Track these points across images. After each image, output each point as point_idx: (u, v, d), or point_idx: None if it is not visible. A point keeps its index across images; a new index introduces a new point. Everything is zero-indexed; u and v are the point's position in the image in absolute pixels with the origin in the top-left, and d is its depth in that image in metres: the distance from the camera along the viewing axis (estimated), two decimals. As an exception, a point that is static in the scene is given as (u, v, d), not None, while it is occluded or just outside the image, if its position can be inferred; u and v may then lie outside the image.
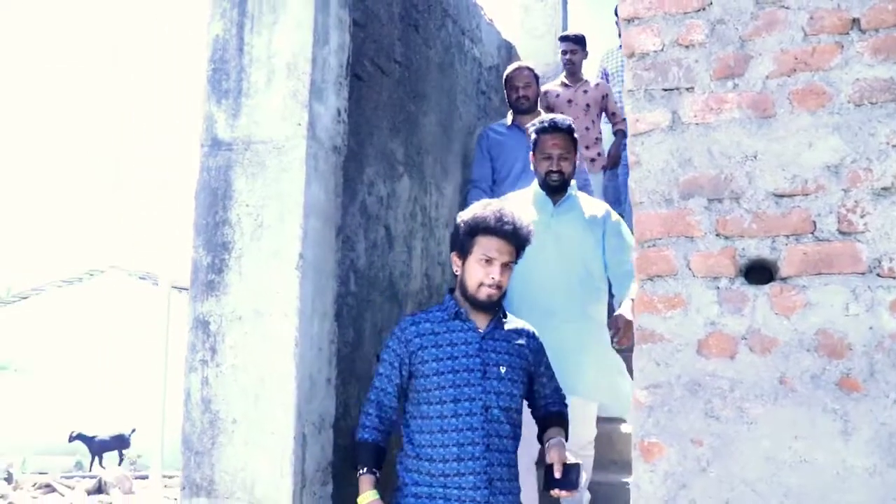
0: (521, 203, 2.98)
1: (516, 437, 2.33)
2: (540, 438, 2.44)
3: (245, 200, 2.34)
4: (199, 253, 2.38)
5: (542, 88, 4.64)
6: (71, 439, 11.74)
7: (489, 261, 2.28)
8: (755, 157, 1.79)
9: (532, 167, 3.10)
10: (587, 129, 4.55)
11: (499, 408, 2.27)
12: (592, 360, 2.88)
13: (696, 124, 1.85)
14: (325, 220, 2.40)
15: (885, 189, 1.70)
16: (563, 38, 4.90)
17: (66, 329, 13.24)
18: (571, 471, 2.22)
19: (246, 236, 2.33)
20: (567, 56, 4.74)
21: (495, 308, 2.37)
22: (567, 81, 4.73)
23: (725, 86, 1.84)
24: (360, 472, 2.22)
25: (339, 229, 2.53)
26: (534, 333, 2.48)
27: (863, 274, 1.69)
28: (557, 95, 4.67)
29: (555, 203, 3.03)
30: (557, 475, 2.19)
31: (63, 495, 8.31)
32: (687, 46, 1.88)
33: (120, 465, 11.72)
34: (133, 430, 11.91)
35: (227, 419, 2.28)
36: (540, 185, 3.04)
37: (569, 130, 3.00)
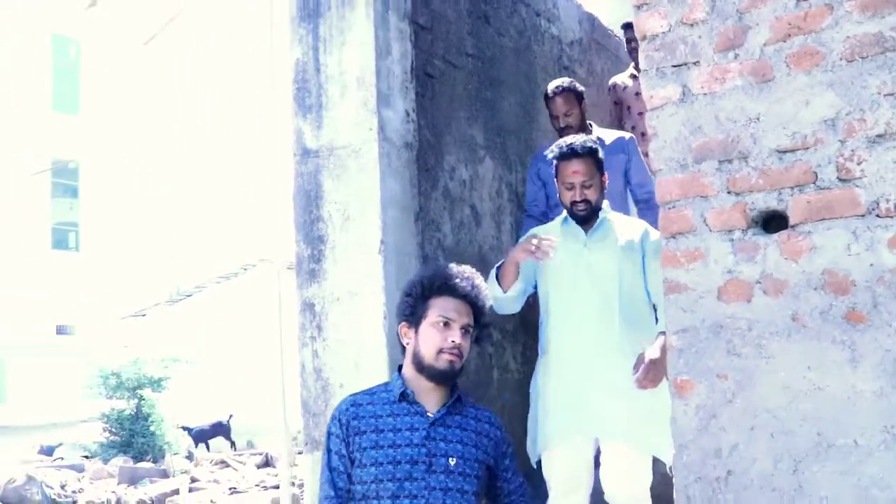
0: (549, 236, 2.79)
1: None
2: None
3: (333, 199, 2.73)
4: (301, 246, 2.80)
5: (611, 81, 4.69)
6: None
7: (447, 324, 2.05)
8: (758, 119, 1.98)
9: (557, 196, 2.90)
10: None
11: None
12: (643, 404, 2.65)
13: (704, 94, 2.05)
14: (402, 208, 2.75)
15: (878, 136, 1.84)
16: (627, 27, 4.59)
17: (226, 321, 14.42)
18: None
19: (336, 229, 2.73)
20: (633, 45, 4.38)
21: (452, 389, 2.12)
22: (635, 72, 4.49)
23: (727, 57, 2.02)
24: None
25: (418, 215, 2.87)
26: (497, 421, 2.21)
27: (862, 216, 1.85)
28: (625, 87, 4.62)
29: (586, 231, 2.83)
30: None
31: (236, 469, 9.24)
32: (691, 24, 2.07)
33: (232, 448, 12.53)
34: (231, 416, 12.70)
35: (335, 384, 2.70)
36: (568, 217, 2.85)
37: (590, 153, 2.77)
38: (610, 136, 3.63)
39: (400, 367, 2.17)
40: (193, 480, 9.01)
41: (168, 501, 8.08)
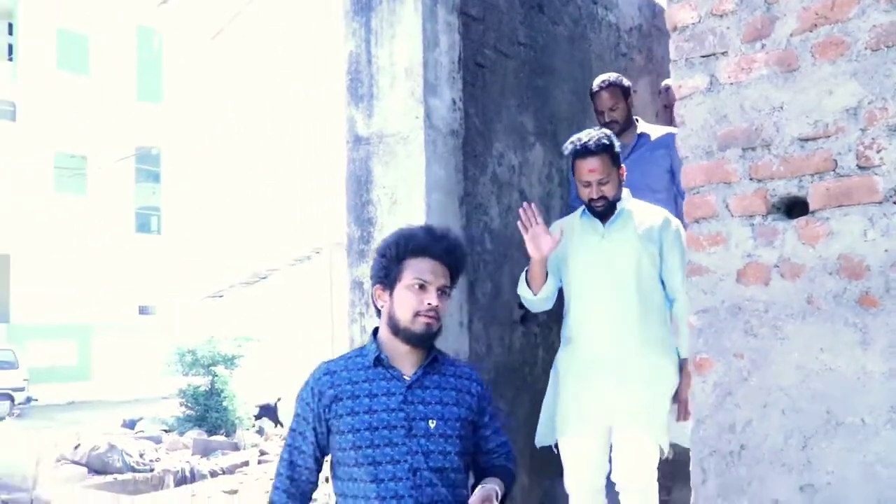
0: (568, 228, 2.88)
1: (457, 502, 2.01)
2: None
3: (382, 183, 2.89)
4: (352, 228, 2.97)
5: (664, 83, 4.69)
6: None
7: (423, 286, 2.01)
8: (781, 108, 2.04)
9: (575, 192, 2.91)
10: None
11: (429, 469, 1.96)
12: (655, 394, 2.74)
13: (730, 84, 2.12)
14: (446, 193, 2.89)
15: (898, 125, 1.89)
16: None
17: (296, 302, 14.84)
18: None
19: (384, 212, 2.88)
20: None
21: (428, 349, 2.08)
22: None
23: (754, 47, 2.09)
24: None
25: (463, 199, 3.01)
26: (477, 377, 2.18)
27: (879, 203, 1.90)
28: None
29: (604, 223, 2.84)
30: None
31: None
32: (720, 16, 2.14)
33: (277, 427, 12.83)
34: (279, 399, 13.00)
35: (382, 358, 2.86)
36: (586, 210, 2.88)
37: (605, 149, 2.76)
38: (656, 131, 3.64)
39: (375, 331, 2.13)
40: (262, 453, 9.40)
41: (238, 472, 8.47)
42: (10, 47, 24.29)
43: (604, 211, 2.82)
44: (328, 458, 2.10)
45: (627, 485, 2.76)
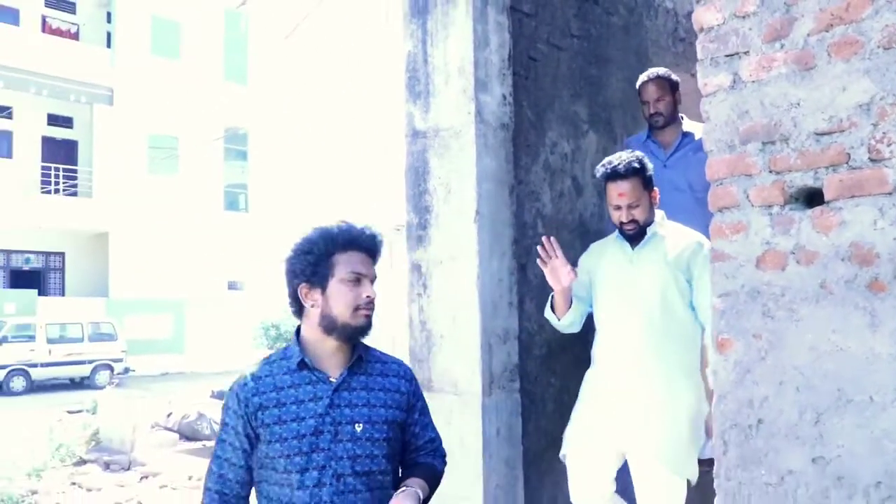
0: (601, 251, 2.92)
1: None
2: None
3: (437, 174, 3.12)
4: (410, 215, 3.21)
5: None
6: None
7: (358, 279, 1.98)
8: (799, 105, 2.17)
9: (607, 214, 2.91)
10: None
11: (354, 474, 1.94)
12: (678, 424, 2.72)
13: (752, 82, 2.25)
14: (497, 182, 3.10)
15: (908, 120, 2.00)
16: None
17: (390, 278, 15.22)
18: None
19: (440, 201, 3.11)
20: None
21: (353, 347, 2.05)
22: None
23: (774, 46, 2.22)
24: None
25: (514, 188, 3.21)
26: (406, 372, 2.14)
27: (889, 194, 2.01)
28: None
29: (633, 246, 2.86)
30: None
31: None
32: (743, 17, 2.27)
33: None
34: None
35: (437, 335, 3.11)
36: (619, 232, 2.89)
37: (636, 173, 2.79)
38: (701, 129, 3.67)
39: (297, 330, 2.08)
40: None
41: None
42: (109, 35, 25.45)
43: (635, 234, 2.83)
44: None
45: None
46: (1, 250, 23.53)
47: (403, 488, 1.97)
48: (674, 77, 3.63)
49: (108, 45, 25.24)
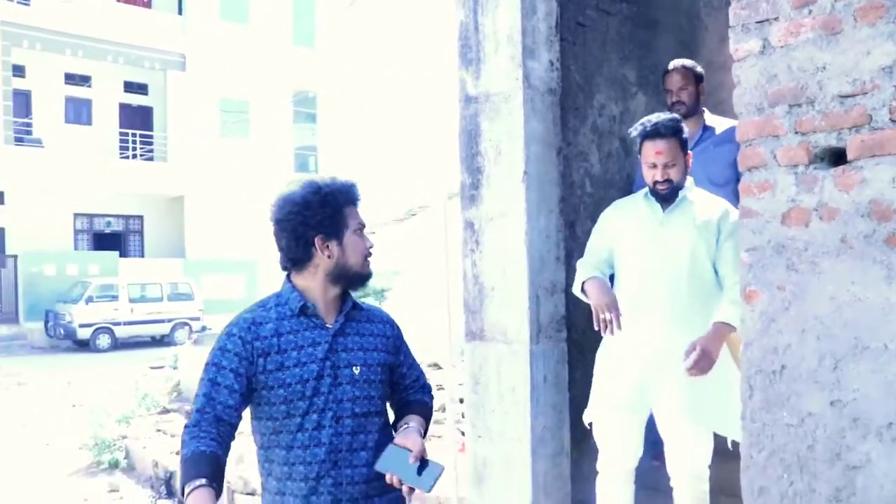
0: (628, 210, 2.90)
1: (379, 446, 2.06)
2: (395, 426, 2.18)
3: (488, 137, 3.31)
4: (464, 176, 3.42)
5: None
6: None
7: (362, 230, 2.12)
8: (824, 68, 2.28)
9: (640, 173, 2.94)
10: None
11: (353, 416, 2.03)
12: (706, 380, 2.73)
13: (781, 47, 2.37)
14: (545, 145, 3.27)
15: (928, 82, 2.11)
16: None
17: (441, 239, 15.50)
18: (429, 469, 1.95)
19: (490, 162, 3.31)
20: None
21: (344, 297, 2.14)
22: None
23: (802, 13, 2.32)
24: (195, 485, 1.78)
25: (561, 149, 3.38)
26: (390, 318, 2.25)
27: (908, 153, 2.13)
28: None
29: (664, 208, 2.88)
30: (412, 461, 1.94)
31: (442, 368, 10.35)
32: (773, -15, 2.39)
33: None
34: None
35: (488, 287, 3.33)
36: (650, 192, 2.92)
37: (675, 133, 2.82)
38: (722, 124, 3.64)
39: (288, 279, 2.16)
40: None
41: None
42: (179, 2, 26.09)
43: (667, 195, 2.86)
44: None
45: (684, 475, 2.83)
46: (84, 214, 24.60)
47: (405, 426, 2.09)
48: (698, 69, 3.65)
49: (180, 12, 25.88)
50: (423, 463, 1.96)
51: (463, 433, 4.23)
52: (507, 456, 3.21)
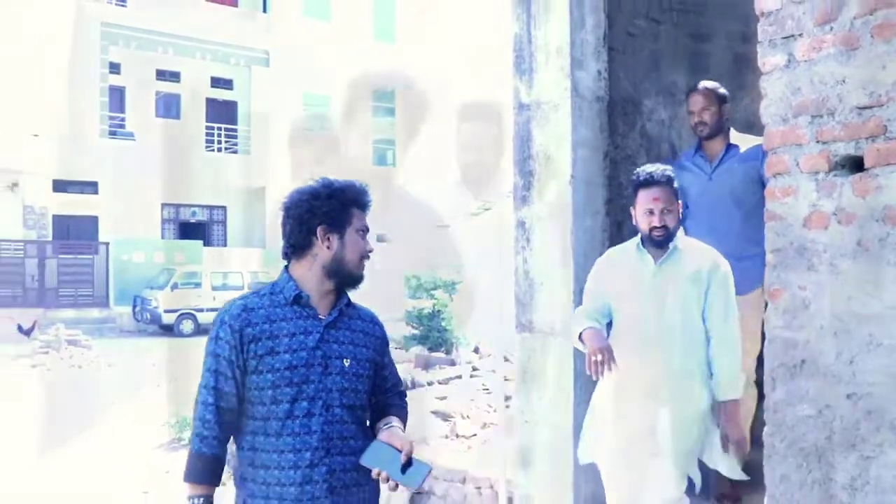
0: (621, 262, 2.99)
1: (365, 437, 2.14)
2: (374, 426, 2.24)
3: (539, 142, 3.53)
4: (517, 178, 3.65)
5: None
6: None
7: (365, 233, 2.18)
8: (844, 82, 2.42)
9: (634, 221, 3.00)
10: None
11: (342, 406, 2.09)
12: (688, 418, 2.87)
13: (804, 61, 2.52)
14: (592, 149, 3.47)
15: (939, 96, 2.24)
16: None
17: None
18: (415, 467, 2.04)
19: (541, 165, 3.53)
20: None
21: (339, 292, 2.19)
22: None
23: (824, 29, 2.47)
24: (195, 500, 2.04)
25: (607, 154, 3.58)
26: (377, 319, 2.30)
27: (920, 162, 2.27)
28: None
29: (656, 260, 2.96)
30: (403, 459, 2.03)
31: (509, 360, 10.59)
32: (798, 2, 2.53)
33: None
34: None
35: (538, 282, 3.56)
36: (642, 241, 2.98)
37: (668, 181, 2.94)
38: (747, 142, 3.61)
39: (286, 269, 2.21)
40: (474, 369, 10.57)
41: (451, 383, 9.69)
42: (264, 0, 26.94)
43: (662, 241, 2.95)
44: None
45: None
46: (171, 204, 25.65)
47: (388, 425, 2.18)
48: (721, 90, 3.64)
49: (264, 10, 26.69)
50: (409, 461, 2.05)
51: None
52: (551, 441, 3.44)
